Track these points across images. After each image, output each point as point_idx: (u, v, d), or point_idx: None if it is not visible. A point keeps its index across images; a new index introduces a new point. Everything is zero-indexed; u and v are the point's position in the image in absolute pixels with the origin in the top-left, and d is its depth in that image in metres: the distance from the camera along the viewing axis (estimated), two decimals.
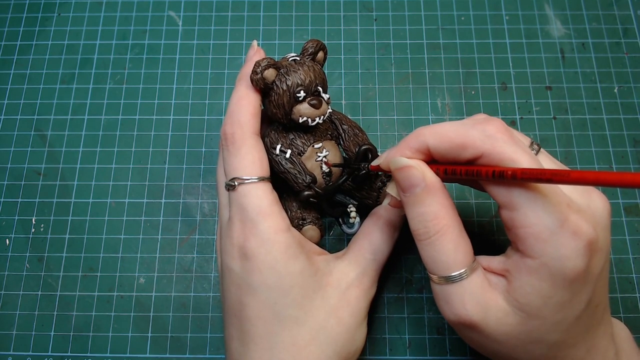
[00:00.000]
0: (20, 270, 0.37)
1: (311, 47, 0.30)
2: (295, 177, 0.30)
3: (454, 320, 0.25)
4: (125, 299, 0.36)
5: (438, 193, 0.25)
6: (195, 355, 0.35)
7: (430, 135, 0.25)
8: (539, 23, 0.43)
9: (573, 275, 0.22)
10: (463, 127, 0.25)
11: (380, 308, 0.36)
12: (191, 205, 0.39)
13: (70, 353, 0.35)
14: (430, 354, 0.35)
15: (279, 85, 0.28)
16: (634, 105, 0.41)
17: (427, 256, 0.25)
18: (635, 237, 0.37)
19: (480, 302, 0.24)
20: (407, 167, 0.25)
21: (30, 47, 0.43)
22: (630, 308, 0.35)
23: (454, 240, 0.25)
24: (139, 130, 0.41)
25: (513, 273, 0.24)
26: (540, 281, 0.23)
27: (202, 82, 0.42)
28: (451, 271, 0.24)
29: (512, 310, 0.24)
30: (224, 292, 0.29)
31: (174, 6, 0.44)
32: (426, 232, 0.25)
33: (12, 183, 0.39)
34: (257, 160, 0.29)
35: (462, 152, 0.25)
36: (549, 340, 0.24)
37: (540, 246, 0.23)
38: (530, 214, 0.23)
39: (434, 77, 0.42)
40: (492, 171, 0.23)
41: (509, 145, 0.24)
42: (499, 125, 0.25)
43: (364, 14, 0.44)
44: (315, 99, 0.29)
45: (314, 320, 0.27)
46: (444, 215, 0.25)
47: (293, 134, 0.31)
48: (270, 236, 0.27)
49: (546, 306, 0.23)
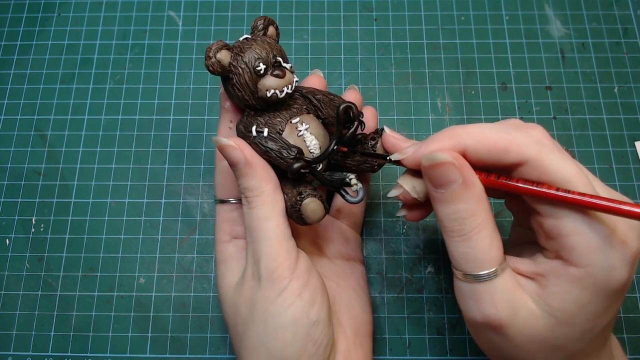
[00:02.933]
0: (20, 270, 0.37)
1: (261, 23, 0.29)
2: (279, 152, 0.27)
3: (479, 321, 0.24)
4: (125, 299, 0.36)
5: (476, 188, 0.24)
6: (195, 355, 0.35)
7: (468, 136, 0.24)
8: (539, 23, 0.43)
9: (617, 285, 0.22)
10: (506, 129, 0.24)
11: (380, 308, 0.36)
12: (191, 205, 0.39)
13: (70, 353, 0.35)
14: (430, 354, 0.35)
15: (236, 65, 0.27)
16: (634, 105, 0.41)
17: (460, 252, 0.24)
18: None
19: (510, 302, 0.23)
20: (446, 163, 0.23)
21: (30, 47, 0.43)
22: (630, 308, 0.35)
23: (489, 237, 0.24)
24: (139, 130, 0.41)
25: (550, 279, 0.23)
26: (581, 290, 0.22)
27: (202, 82, 0.42)
28: (484, 269, 0.23)
29: (542, 315, 0.23)
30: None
31: (174, 6, 0.44)
32: (462, 229, 0.24)
33: (12, 183, 0.39)
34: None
35: (505, 157, 0.23)
36: (572, 348, 0.24)
37: (589, 255, 0.22)
38: (580, 222, 0.22)
39: (434, 77, 0.42)
40: (555, 188, 0.22)
41: (556, 153, 0.23)
42: (544, 130, 0.24)
43: (364, 14, 0.44)
44: (278, 69, 0.28)
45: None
46: (481, 211, 0.23)
47: (267, 115, 0.29)
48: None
49: (581, 314, 0.22)
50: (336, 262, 0.33)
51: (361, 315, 0.31)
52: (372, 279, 0.36)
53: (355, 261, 0.34)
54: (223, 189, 0.31)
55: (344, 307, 0.31)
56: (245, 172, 0.27)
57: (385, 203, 0.38)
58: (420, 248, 0.37)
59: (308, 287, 0.26)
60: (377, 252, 0.37)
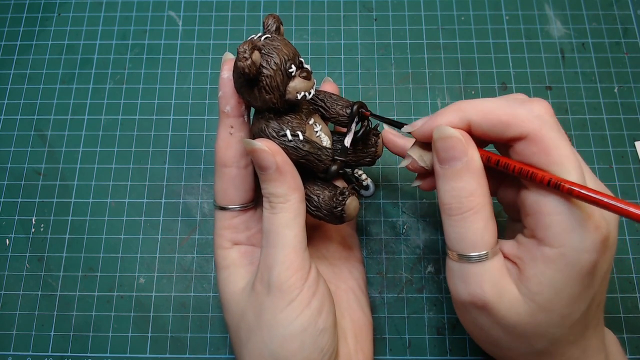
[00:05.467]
0: (20, 270, 0.37)
1: (273, 22, 0.28)
2: (318, 156, 0.28)
3: (466, 300, 0.25)
4: (125, 299, 0.36)
5: (478, 170, 0.24)
6: (195, 355, 0.35)
7: (472, 110, 0.25)
8: (539, 23, 0.43)
9: (586, 268, 0.22)
10: (509, 103, 0.24)
11: (380, 308, 0.36)
12: (191, 205, 0.39)
13: (70, 353, 0.35)
14: (430, 354, 0.35)
15: (267, 67, 0.26)
16: (634, 105, 0.41)
17: (454, 232, 0.25)
18: (635, 237, 0.37)
19: (497, 286, 0.24)
20: (453, 137, 0.24)
21: (30, 47, 0.43)
22: (630, 308, 0.35)
23: (484, 220, 0.24)
24: (139, 130, 0.41)
25: (526, 261, 0.24)
26: (555, 272, 0.23)
27: (202, 82, 0.42)
28: (476, 250, 0.24)
29: (524, 300, 0.24)
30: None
31: (174, 6, 0.44)
32: (459, 207, 0.24)
33: (12, 183, 0.39)
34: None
35: (506, 130, 0.24)
36: (553, 334, 0.24)
37: (564, 236, 0.22)
38: (561, 202, 0.23)
39: (434, 77, 0.42)
40: (547, 179, 0.22)
41: (555, 131, 0.23)
42: (548, 107, 0.25)
43: (364, 14, 0.44)
44: (304, 70, 0.27)
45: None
46: (480, 193, 0.24)
47: (287, 117, 0.28)
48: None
49: (557, 299, 0.23)
50: (335, 263, 0.33)
51: (361, 318, 0.31)
52: (372, 279, 0.36)
53: (355, 262, 0.34)
54: (224, 195, 0.30)
55: (344, 310, 0.31)
56: (274, 177, 0.26)
57: (385, 203, 0.38)
58: (420, 248, 0.37)
59: (316, 295, 0.26)
60: (377, 252, 0.37)
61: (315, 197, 0.29)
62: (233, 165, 0.29)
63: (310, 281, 0.26)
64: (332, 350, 0.27)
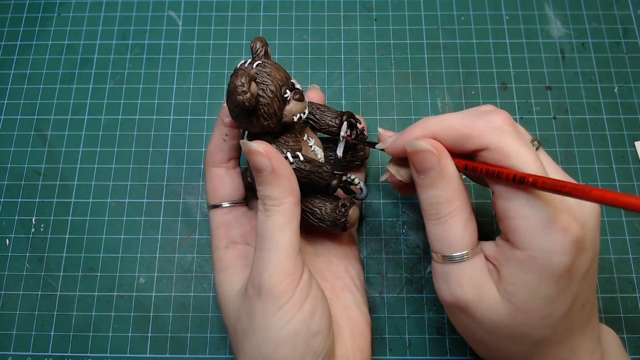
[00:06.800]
0: (20, 270, 0.37)
1: (261, 46, 0.28)
2: (319, 174, 0.29)
3: (449, 301, 0.26)
4: (125, 299, 0.36)
5: (452, 177, 0.25)
6: (195, 355, 0.35)
7: (436, 126, 0.26)
8: (539, 23, 0.43)
9: (559, 270, 0.23)
10: (469, 117, 0.25)
11: (380, 308, 0.36)
12: (191, 205, 0.39)
13: (70, 353, 0.35)
14: (430, 354, 0.35)
15: (264, 95, 0.27)
16: (634, 105, 0.41)
17: (435, 234, 0.26)
18: (635, 237, 0.37)
19: (477, 286, 0.25)
20: (425, 150, 0.25)
21: (30, 47, 0.43)
22: (630, 308, 0.35)
23: (463, 222, 0.25)
24: (139, 130, 0.41)
25: (502, 263, 0.24)
26: (528, 273, 0.23)
27: (202, 82, 0.42)
28: (455, 251, 0.25)
29: (503, 301, 0.24)
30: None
31: (174, 6, 0.44)
32: (437, 213, 0.25)
33: (12, 183, 0.39)
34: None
35: (467, 143, 0.25)
36: (535, 335, 0.24)
37: (531, 238, 0.23)
38: (525, 206, 0.23)
39: (434, 77, 0.42)
40: (512, 175, 0.23)
41: (514, 139, 0.24)
42: (506, 117, 0.25)
43: (364, 14, 0.44)
44: (297, 92, 0.28)
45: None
46: (457, 198, 0.25)
47: (283, 138, 0.29)
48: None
49: (533, 300, 0.23)
50: (332, 260, 0.33)
51: (358, 317, 0.31)
52: (372, 279, 0.36)
53: (352, 259, 0.34)
54: (215, 193, 0.31)
55: (341, 308, 0.31)
56: (269, 180, 0.26)
57: (385, 203, 0.38)
58: (420, 248, 0.37)
59: (309, 299, 0.26)
60: (377, 252, 0.37)
61: (317, 210, 0.30)
62: (222, 166, 0.31)
63: (303, 285, 0.26)
64: (327, 352, 0.27)
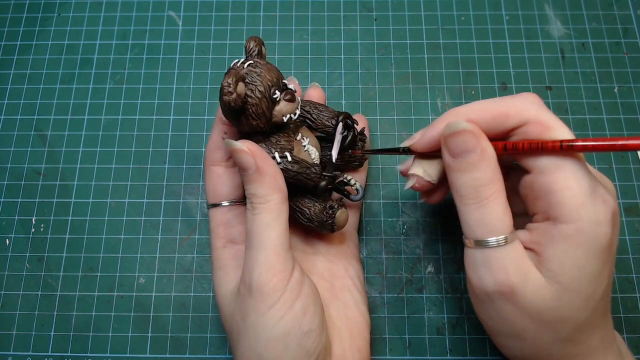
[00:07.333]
0: (20, 270, 0.37)
1: (255, 45, 0.29)
2: (307, 175, 0.29)
3: (491, 288, 0.25)
4: (125, 299, 0.36)
5: (492, 159, 0.25)
6: (195, 355, 0.35)
7: (469, 111, 0.26)
8: (539, 23, 0.43)
9: (604, 242, 0.23)
10: (501, 99, 0.26)
11: (380, 308, 0.36)
12: (191, 205, 0.39)
13: (70, 353, 0.35)
14: (430, 354, 0.35)
15: (252, 95, 0.27)
16: (634, 105, 0.41)
17: (474, 219, 0.25)
18: (635, 237, 0.37)
19: (521, 269, 0.24)
20: (466, 130, 0.25)
21: (30, 47, 0.43)
22: (630, 308, 0.35)
23: (502, 205, 0.25)
24: (139, 130, 0.41)
25: (545, 243, 0.24)
26: (575, 248, 0.23)
27: (202, 82, 0.42)
28: (497, 234, 0.24)
29: (548, 282, 0.24)
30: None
31: (174, 6, 0.44)
32: (478, 196, 0.25)
33: (12, 183, 0.39)
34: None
35: (506, 122, 0.25)
36: (578, 318, 0.24)
37: (579, 209, 0.23)
38: (570, 178, 0.23)
39: (434, 77, 0.42)
40: (559, 143, 0.23)
41: (550, 113, 0.25)
42: (536, 95, 0.26)
43: (364, 14, 0.44)
44: (288, 92, 0.28)
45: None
46: (497, 180, 0.25)
47: (274, 137, 0.29)
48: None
49: (581, 277, 0.23)
50: (331, 260, 0.33)
51: (357, 316, 0.31)
52: (372, 279, 0.36)
53: (351, 259, 0.34)
54: (214, 192, 0.31)
55: (339, 308, 0.31)
56: (254, 178, 0.27)
57: (385, 203, 0.38)
58: (420, 248, 0.37)
59: (300, 297, 0.26)
60: (377, 252, 0.37)
61: (307, 209, 0.31)
62: (222, 165, 0.31)
63: (293, 283, 0.26)
64: (320, 351, 0.27)
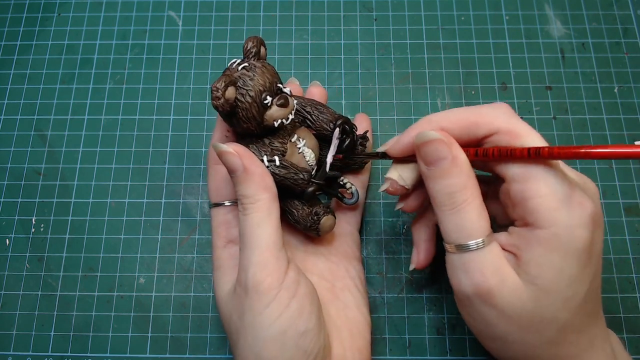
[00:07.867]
0: (20, 270, 0.37)
1: (252, 46, 0.28)
2: (294, 180, 0.29)
3: (470, 291, 0.25)
4: (125, 299, 0.36)
5: (464, 164, 0.25)
6: (195, 355, 0.35)
7: (441, 119, 0.27)
8: (539, 23, 0.43)
9: (582, 245, 0.23)
10: (474, 108, 0.26)
11: (380, 308, 0.36)
12: (191, 205, 0.39)
13: (70, 353, 0.35)
14: (430, 354, 0.35)
15: (242, 100, 0.27)
16: (634, 105, 0.41)
17: (451, 224, 0.25)
18: (635, 237, 0.37)
19: (498, 271, 0.24)
20: (435, 140, 0.25)
21: (30, 47, 0.43)
22: (630, 308, 0.35)
23: (477, 208, 0.25)
24: (139, 130, 0.41)
25: (523, 247, 0.24)
26: (552, 252, 0.23)
27: (202, 82, 0.42)
28: (474, 238, 0.25)
29: (525, 285, 0.24)
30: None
31: (174, 6, 0.44)
32: (453, 202, 0.25)
33: (12, 183, 0.39)
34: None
35: (477, 130, 0.26)
36: (560, 319, 0.24)
37: (552, 215, 0.23)
38: (543, 185, 0.24)
39: (434, 77, 0.42)
40: (527, 150, 0.24)
41: (521, 121, 0.25)
42: (507, 105, 0.26)
43: (364, 14, 0.44)
44: (281, 97, 0.28)
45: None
46: (470, 185, 0.25)
47: (268, 139, 0.30)
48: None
49: (558, 279, 0.24)
50: (332, 260, 0.33)
51: (358, 317, 0.31)
52: (372, 279, 0.36)
53: (352, 259, 0.34)
54: (217, 192, 0.31)
55: (340, 308, 0.31)
56: (242, 179, 0.27)
57: (385, 203, 0.38)
58: None
59: (296, 296, 0.26)
60: (377, 252, 0.37)
61: (295, 211, 0.31)
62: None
63: (289, 282, 0.26)
64: (318, 351, 0.27)
